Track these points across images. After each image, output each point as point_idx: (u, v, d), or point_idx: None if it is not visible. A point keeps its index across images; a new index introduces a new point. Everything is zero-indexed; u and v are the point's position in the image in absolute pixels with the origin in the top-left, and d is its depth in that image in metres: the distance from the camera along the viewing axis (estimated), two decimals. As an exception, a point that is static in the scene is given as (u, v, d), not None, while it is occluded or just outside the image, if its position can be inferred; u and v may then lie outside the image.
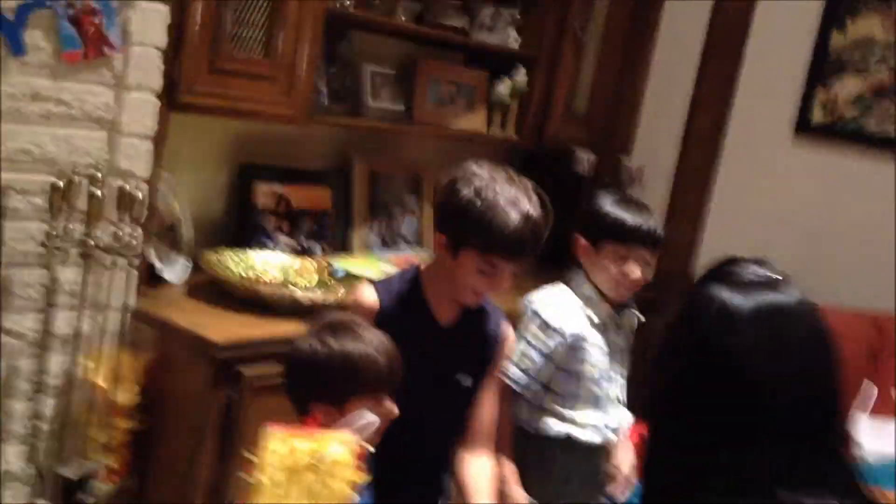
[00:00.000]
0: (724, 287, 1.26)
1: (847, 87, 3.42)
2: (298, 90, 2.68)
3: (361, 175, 3.25)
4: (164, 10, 2.27)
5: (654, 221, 2.31)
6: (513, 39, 3.46)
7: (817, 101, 3.48)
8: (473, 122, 3.47)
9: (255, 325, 2.40)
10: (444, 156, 3.62)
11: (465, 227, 1.89)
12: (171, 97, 2.39)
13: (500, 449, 2.14)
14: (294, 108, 2.68)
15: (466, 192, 1.89)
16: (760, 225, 3.63)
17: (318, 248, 3.08)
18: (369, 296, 1.99)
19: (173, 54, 2.35)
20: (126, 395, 2.29)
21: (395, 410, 1.78)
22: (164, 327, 2.35)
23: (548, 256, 2.15)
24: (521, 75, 3.47)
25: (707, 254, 3.73)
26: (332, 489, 1.42)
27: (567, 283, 2.35)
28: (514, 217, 1.86)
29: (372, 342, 1.77)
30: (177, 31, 2.33)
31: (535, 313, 2.29)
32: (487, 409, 2.08)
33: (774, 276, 1.29)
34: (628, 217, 2.28)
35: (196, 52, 2.41)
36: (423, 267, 2.06)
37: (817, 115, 3.49)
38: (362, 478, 1.51)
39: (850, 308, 3.33)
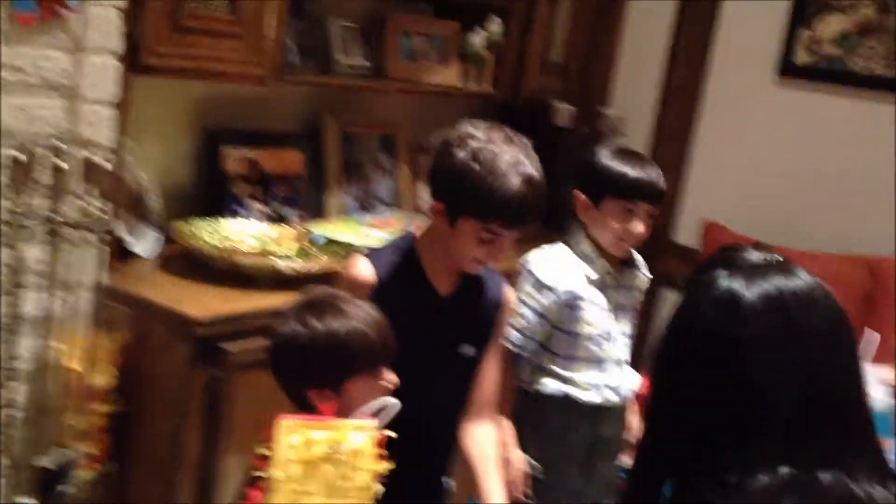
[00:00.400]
0: (726, 273, 1.18)
1: (831, 26, 3.33)
2: (267, 48, 2.53)
3: (333, 136, 3.11)
4: (123, -34, 2.12)
5: (656, 174, 2.23)
6: (485, -12, 3.32)
7: (800, 41, 3.38)
8: (447, 76, 3.34)
9: (236, 299, 2.28)
10: (419, 112, 3.50)
11: (462, 193, 1.77)
12: (133, 60, 2.24)
13: (500, 411, 2.07)
14: (264, 67, 2.54)
15: (462, 155, 1.77)
16: (745, 172, 3.55)
17: (292, 215, 2.95)
18: (364, 269, 1.87)
19: (134, 13, 2.20)
20: (102, 378, 2.17)
21: (396, 379, 1.69)
22: (139, 305, 2.23)
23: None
24: (495, 25, 3.34)
25: (691, 204, 3.65)
26: (354, 481, 1.31)
27: (565, 242, 2.28)
28: (515, 181, 1.74)
29: (357, 316, 1.67)
30: (137, -13, 2.18)
31: (530, 272, 2.24)
32: (490, 376, 1.99)
33: (778, 258, 1.21)
34: (631, 171, 2.20)
35: (158, 10, 2.26)
36: (417, 235, 1.95)
37: (801, 57, 3.40)
38: (385, 467, 1.41)
39: (842, 253, 3.28)
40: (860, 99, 3.31)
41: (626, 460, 2.39)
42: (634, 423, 2.39)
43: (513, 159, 1.76)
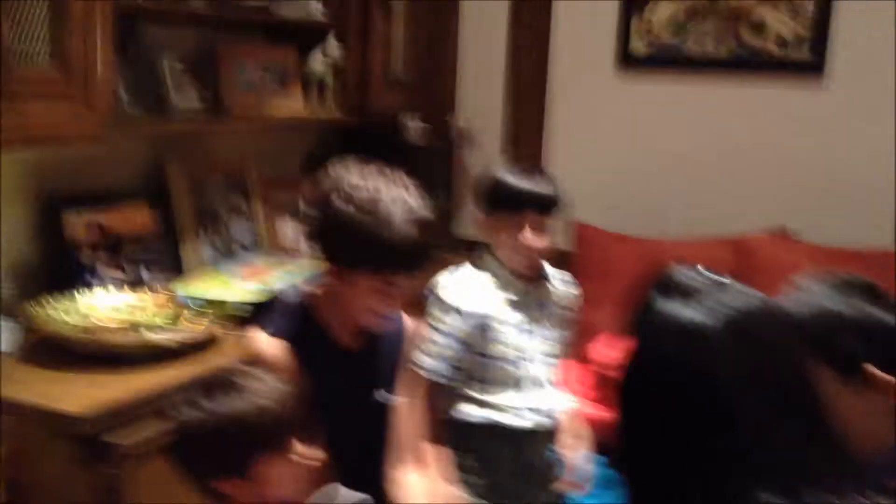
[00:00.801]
0: (676, 301, 1.13)
1: (662, 13, 3.38)
2: (98, 101, 2.30)
3: (180, 184, 2.90)
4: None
5: (543, 183, 2.19)
6: (316, 10, 3.18)
7: (635, 31, 3.42)
8: (290, 104, 3.19)
9: (111, 384, 2.07)
10: (266, 146, 3.34)
11: (351, 247, 1.67)
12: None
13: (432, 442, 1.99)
14: (97, 122, 2.30)
15: (342, 206, 1.66)
16: (603, 168, 3.57)
17: (150, 277, 2.73)
18: (273, 345, 1.73)
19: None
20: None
21: (315, 454, 1.58)
22: (12, 409, 1.98)
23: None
24: (332, 46, 3.21)
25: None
26: None
27: (472, 262, 2.23)
28: (403, 225, 1.65)
29: (257, 391, 1.55)
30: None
31: (436, 296, 2.17)
32: (404, 415, 1.89)
33: (719, 277, 1.17)
34: (515, 181, 2.17)
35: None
36: (308, 294, 1.82)
37: (638, 47, 3.44)
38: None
39: (708, 237, 3.34)
40: (701, 83, 3.38)
41: (563, 488, 2.31)
42: (564, 441, 2.32)
43: (395, 201, 1.67)
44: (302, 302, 1.81)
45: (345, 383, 1.76)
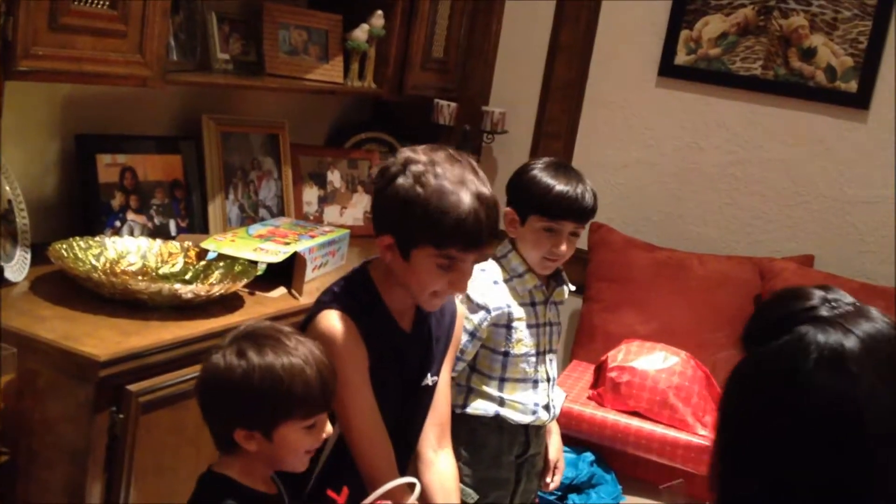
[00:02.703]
0: (814, 328, 1.05)
1: (711, 27, 3.36)
2: (152, 47, 2.29)
3: (212, 138, 2.88)
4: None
5: (582, 191, 2.14)
6: (365, -20, 3.16)
7: (681, 41, 3.40)
8: (329, 72, 3.16)
9: (134, 331, 2.04)
10: (299, 111, 3.31)
11: (412, 222, 1.64)
12: (6, 63, 1.95)
13: None
14: (149, 67, 2.29)
15: (405, 181, 1.64)
16: (629, 171, 3.56)
17: (173, 226, 2.71)
18: (344, 323, 1.70)
19: (7, 10, 1.92)
20: (-17, 428, 1.90)
21: (330, 430, 1.58)
22: (26, 342, 1.95)
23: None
24: (378, 19, 3.18)
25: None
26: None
27: (495, 258, 2.19)
28: (466, 200, 1.62)
29: (301, 354, 1.53)
30: (10, -18, 1.90)
31: (464, 294, 2.12)
32: (444, 397, 1.89)
33: (856, 302, 1.10)
34: (556, 186, 2.11)
35: (35, 6, 1.98)
36: (372, 270, 1.80)
37: (681, 56, 3.42)
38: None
39: (728, 255, 3.34)
40: (739, 99, 3.36)
41: (547, 481, 2.35)
42: (553, 443, 2.35)
43: (459, 178, 1.64)
44: (365, 277, 1.79)
45: (397, 363, 1.76)
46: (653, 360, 2.94)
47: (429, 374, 1.83)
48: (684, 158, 3.46)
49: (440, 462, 1.86)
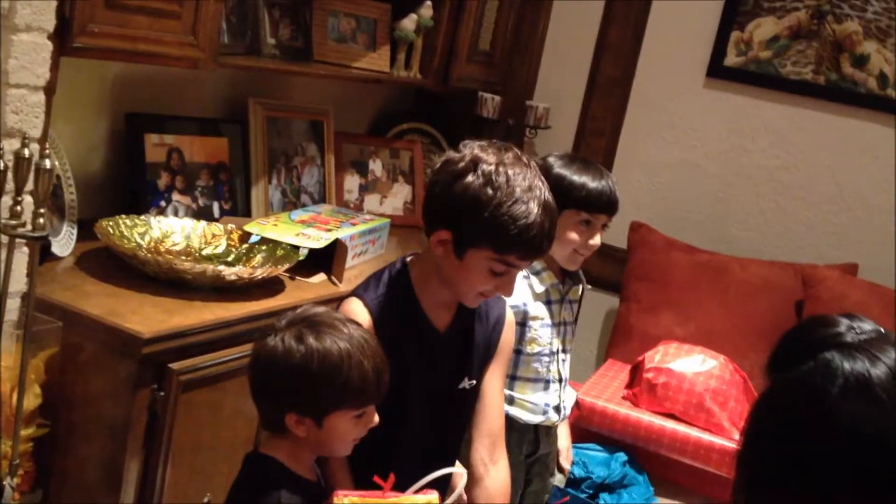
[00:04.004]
0: (840, 355, 1.03)
1: (762, 29, 3.32)
2: (205, 28, 2.29)
3: (258, 122, 2.89)
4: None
5: (612, 184, 2.17)
6: (417, -28, 3.15)
7: (732, 42, 3.37)
8: (376, 60, 3.16)
9: (178, 310, 2.06)
10: (344, 99, 3.32)
11: (477, 223, 1.60)
12: (63, 39, 1.97)
13: None
14: (202, 49, 2.30)
15: (475, 180, 1.60)
16: (672, 171, 3.53)
17: (215, 208, 2.73)
18: (360, 313, 1.69)
19: (64, -13, 1.93)
20: (28, 399, 1.91)
21: (377, 420, 1.57)
22: (71, 317, 1.97)
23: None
24: (427, 9, 3.18)
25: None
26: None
27: None
28: (534, 209, 1.59)
29: (359, 345, 1.52)
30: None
31: None
32: (493, 408, 1.83)
33: (880, 328, 1.07)
34: (591, 182, 2.13)
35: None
36: (411, 265, 1.77)
37: (731, 58, 3.38)
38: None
39: (770, 260, 3.30)
40: (788, 103, 3.33)
41: (559, 478, 2.34)
42: (564, 440, 2.34)
43: (528, 184, 1.61)
44: (403, 272, 1.76)
45: (427, 361, 1.73)
46: (690, 363, 2.91)
47: (466, 378, 1.78)
48: (729, 161, 3.43)
49: (489, 478, 1.81)
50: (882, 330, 1.08)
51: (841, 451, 1.00)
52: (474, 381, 1.80)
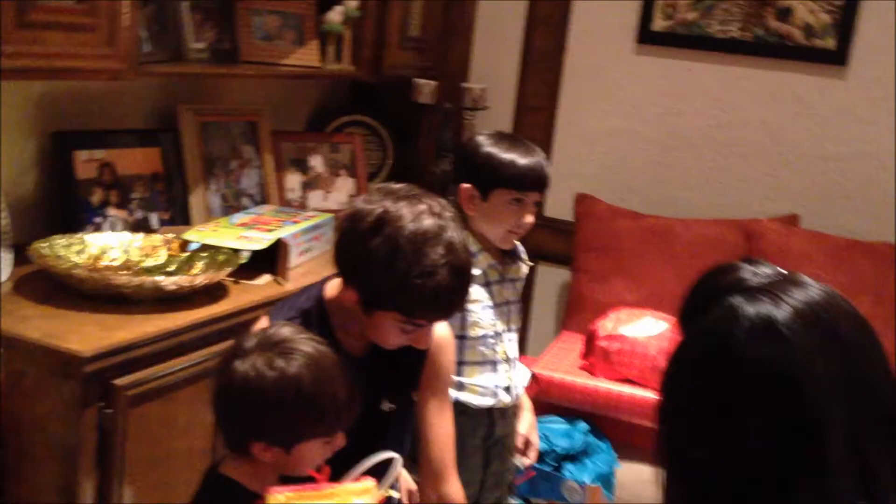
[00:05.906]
0: (744, 298, 1.04)
1: (686, -10, 3.35)
2: (124, 39, 2.27)
3: (190, 128, 2.86)
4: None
5: (543, 160, 2.16)
6: (338, -37, 3.13)
7: (658, 7, 3.38)
8: (306, 55, 3.15)
9: (118, 325, 2.04)
10: (277, 97, 3.30)
11: (382, 290, 1.54)
12: (-25, 62, 1.94)
13: None
14: (120, 60, 2.27)
15: (380, 245, 1.51)
16: (612, 140, 3.55)
17: (154, 219, 2.71)
18: None
19: (-28, 9, 1.91)
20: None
21: (343, 441, 1.52)
22: (10, 342, 1.95)
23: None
24: (351, 1, 3.16)
25: (560, 175, 3.61)
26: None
27: None
28: (443, 275, 1.51)
29: (331, 370, 1.47)
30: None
31: None
32: (429, 430, 1.78)
33: (781, 269, 1.09)
34: (520, 159, 2.12)
35: (2, 5, 1.97)
36: (327, 295, 1.71)
37: (658, 23, 3.40)
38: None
39: (713, 218, 3.33)
40: (718, 63, 3.35)
41: (521, 460, 2.33)
42: (524, 420, 2.34)
43: (439, 245, 1.52)
44: (316, 298, 1.70)
45: None
46: (642, 327, 2.94)
47: (386, 402, 1.72)
48: (666, 125, 3.45)
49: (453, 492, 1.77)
50: (783, 271, 1.10)
51: (751, 393, 1.01)
52: (394, 406, 1.74)
